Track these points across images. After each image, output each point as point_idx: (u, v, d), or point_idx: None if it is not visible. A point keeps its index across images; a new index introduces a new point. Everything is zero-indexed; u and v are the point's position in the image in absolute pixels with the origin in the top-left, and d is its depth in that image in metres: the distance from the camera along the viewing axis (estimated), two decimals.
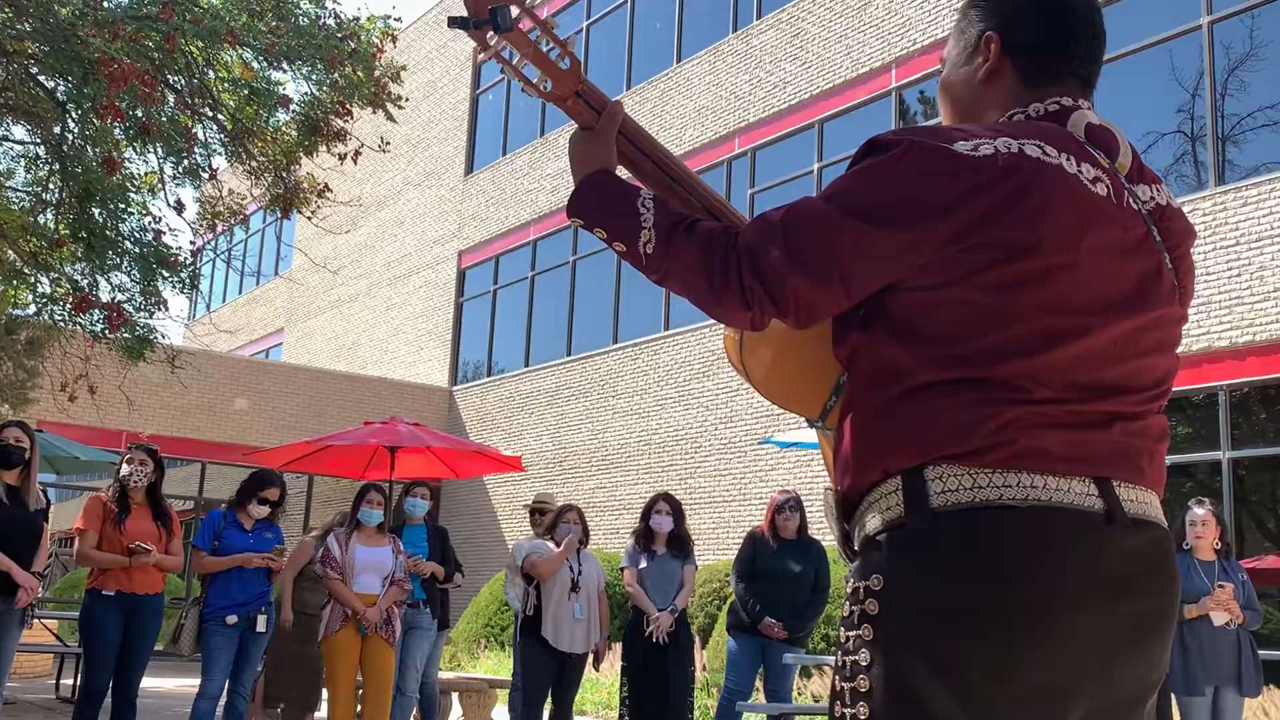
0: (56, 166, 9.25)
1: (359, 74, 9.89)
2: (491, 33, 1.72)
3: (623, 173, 1.77)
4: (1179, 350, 1.70)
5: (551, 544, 7.17)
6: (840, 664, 1.55)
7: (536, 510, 8.39)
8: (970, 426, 1.49)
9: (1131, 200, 1.62)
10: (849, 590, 1.57)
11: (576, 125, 1.80)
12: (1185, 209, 10.83)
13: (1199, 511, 6.48)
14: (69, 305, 9.33)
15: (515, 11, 1.71)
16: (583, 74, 1.77)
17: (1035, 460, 1.48)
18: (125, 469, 6.53)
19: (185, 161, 9.73)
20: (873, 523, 1.56)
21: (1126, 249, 1.58)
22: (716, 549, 14.35)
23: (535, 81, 1.76)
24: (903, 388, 1.55)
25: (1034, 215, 1.51)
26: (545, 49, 1.75)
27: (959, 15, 1.80)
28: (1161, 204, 1.67)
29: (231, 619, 6.63)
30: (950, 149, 1.53)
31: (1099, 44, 1.75)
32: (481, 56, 1.77)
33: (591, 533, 7.66)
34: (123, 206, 9.26)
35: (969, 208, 1.50)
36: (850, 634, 1.53)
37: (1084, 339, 1.53)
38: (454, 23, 1.73)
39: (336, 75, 9.75)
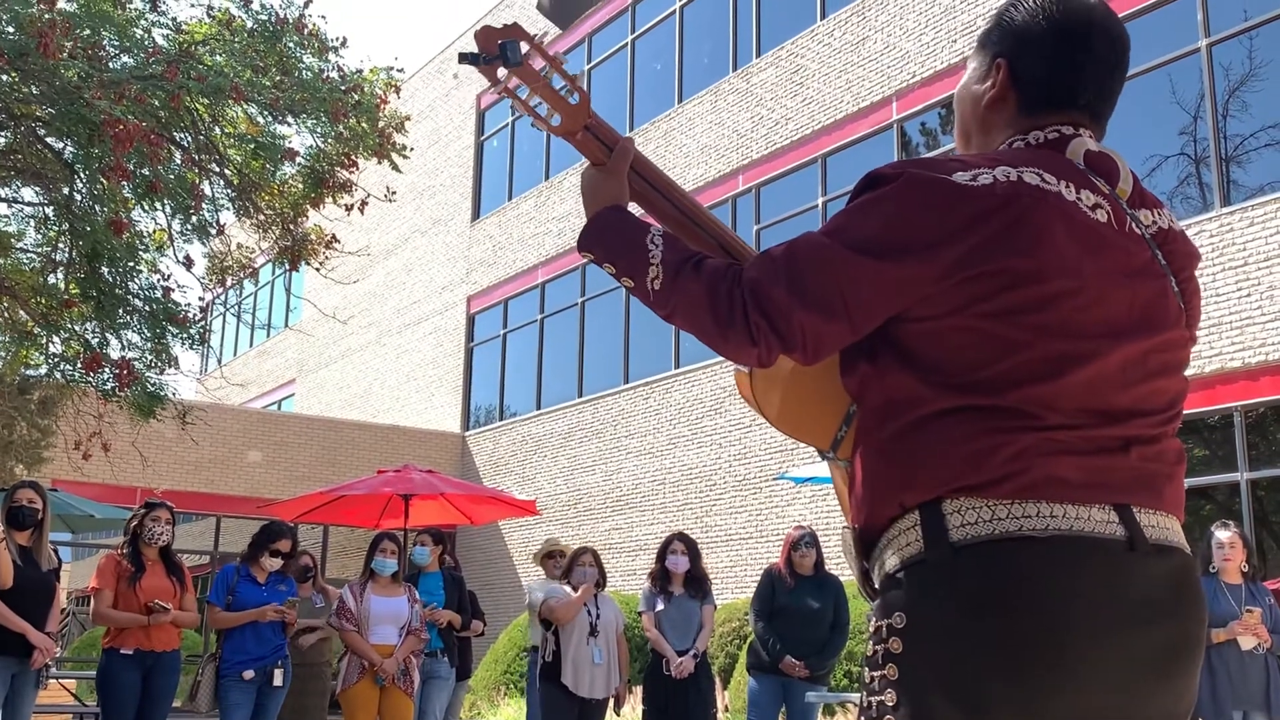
0: (65, 227, 9.31)
1: (363, 125, 9.96)
2: (501, 68, 1.73)
3: (635, 209, 1.77)
4: (1190, 372, 1.68)
5: (568, 587, 7.12)
6: (865, 704, 1.53)
7: (550, 556, 8.35)
8: (984, 456, 1.48)
9: (1134, 225, 1.62)
10: (872, 629, 1.54)
11: (587, 162, 1.80)
12: (1191, 231, 10.77)
13: (1224, 535, 6.41)
14: (80, 364, 9.34)
15: (525, 47, 1.72)
16: (591, 109, 1.77)
17: (1052, 489, 1.47)
18: (151, 527, 6.51)
19: (193, 218, 9.78)
20: (893, 560, 1.54)
21: (1130, 274, 1.57)
22: (735, 587, 14.25)
23: (544, 115, 1.77)
24: (913, 417, 1.54)
25: (1033, 242, 1.50)
26: (555, 85, 1.76)
27: (988, 24, 1.78)
28: (1164, 227, 1.66)
29: (248, 674, 6.61)
30: (949, 180, 1.53)
31: (1115, 80, 1.71)
32: (492, 91, 1.78)
33: (608, 574, 7.61)
34: (131, 265, 9.29)
35: (968, 237, 1.50)
36: (875, 674, 1.51)
37: (1093, 364, 1.51)
38: (465, 58, 1.74)
39: (341, 127, 9.81)
